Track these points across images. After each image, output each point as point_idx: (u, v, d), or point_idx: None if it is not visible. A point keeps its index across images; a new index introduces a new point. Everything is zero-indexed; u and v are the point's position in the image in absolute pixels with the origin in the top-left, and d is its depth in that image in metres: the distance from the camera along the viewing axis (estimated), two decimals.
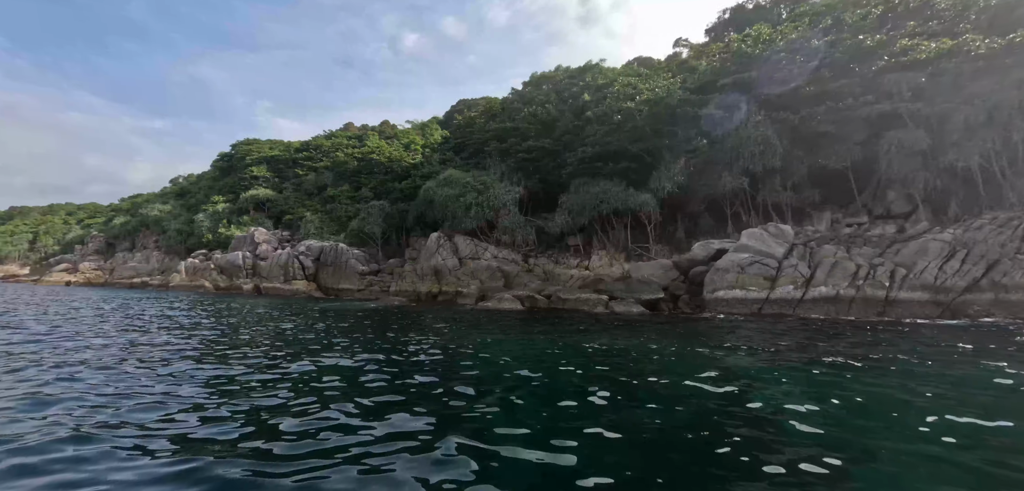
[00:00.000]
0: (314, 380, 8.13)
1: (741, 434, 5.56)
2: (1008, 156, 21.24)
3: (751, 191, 26.82)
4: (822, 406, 6.66)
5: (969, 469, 4.50)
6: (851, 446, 5.10)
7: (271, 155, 63.29)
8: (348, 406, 6.55)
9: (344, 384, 7.92)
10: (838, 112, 25.25)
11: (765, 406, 6.87)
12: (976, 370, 8.92)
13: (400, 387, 7.82)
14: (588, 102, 36.48)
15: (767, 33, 33.89)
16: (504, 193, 33.83)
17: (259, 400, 6.80)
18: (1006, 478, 4.32)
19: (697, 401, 7.05)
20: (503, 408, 6.71)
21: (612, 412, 6.55)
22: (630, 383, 8.40)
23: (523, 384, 8.58)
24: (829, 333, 14.32)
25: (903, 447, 5.06)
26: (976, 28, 26.56)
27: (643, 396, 7.51)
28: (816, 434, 5.49)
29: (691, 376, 8.99)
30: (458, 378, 8.66)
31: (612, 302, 24.30)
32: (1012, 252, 18.66)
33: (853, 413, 6.42)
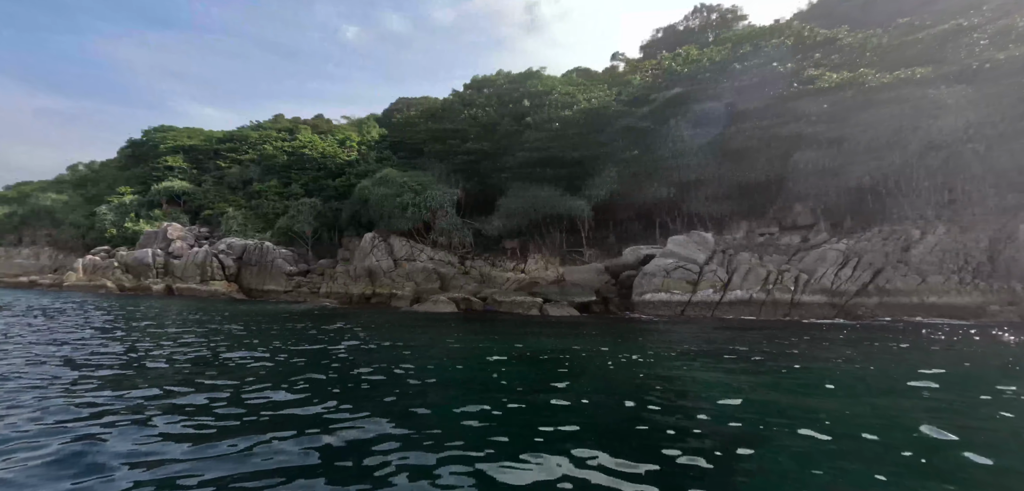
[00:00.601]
0: (216, 390, 7.48)
1: (660, 423, 5.78)
2: (893, 177, 23.94)
3: (677, 200, 28.34)
4: (736, 397, 7.06)
5: (857, 446, 4.91)
6: (759, 432, 5.45)
7: (189, 144, 58.46)
8: (256, 422, 6.07)
9: (257, 387, 7.35)
10: (755, 131, 27.31)
11: (684, 397, 7.19)
12: (865, 363, 9.87)
13: (320, 390, 7.37)
14: (528, 108, 36.94)
15: (695, 54, 36.08)
16: (442, 194, 33.40)
17: (159, 420, 6.13)
18: (882, 454, 4.75)
19: (621, 394, 7.25)
20: (433, 410, 6.51)
21: (544, 409, 6.56)
22: (562, 379, 8.49)
23: (451, 382, 8.40)
24: (742, 332, 15.33)
25: (802, 430, 5.45)
26: (871, 64, 29.78)
27: (575, 391, 7.61)
28: (732, 423, 5.80)
29: (617, 373, 9.25)
30: (389, 379, 8.32)
31: (546, 305, 24.65)
32: (894, 260, 21.04)
33: (761, 403, 6.86)
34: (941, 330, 15.63)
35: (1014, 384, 7.71)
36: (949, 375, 8.56)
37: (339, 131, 51.43)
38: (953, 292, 19.77)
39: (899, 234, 22.23)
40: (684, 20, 52.18)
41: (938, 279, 20.19)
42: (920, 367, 9.10)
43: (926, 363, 9.56)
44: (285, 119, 64.88)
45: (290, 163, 47.35)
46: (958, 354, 11.06)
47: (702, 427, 5.62)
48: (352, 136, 49.41)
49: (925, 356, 10.71)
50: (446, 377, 8.73)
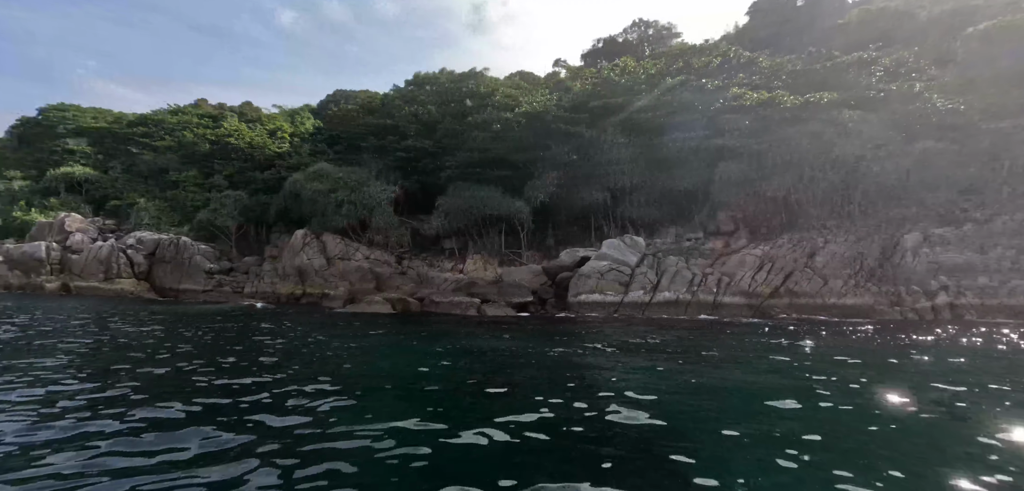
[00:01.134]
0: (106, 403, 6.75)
1: (589, 416, 5.92)
2: (802, 190, 26.23)
3: (612, 205, 29.36)
4: (661, 392, 7.37)
5: (769, 429, 5.25)
6: (683, 422, 5.71)
7: (95, 126, 52.78)
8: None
9: (163, 393, 6.68)
10: (685, 142, 28.89)
11: (613, 391, 7.39)
12: (771, 357, 10.67)
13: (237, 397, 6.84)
14: (470, 108, 36.82)
15: (632, 66, 37.65)
16: (380, 192, 32.43)
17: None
18: (793, 435, 5.11)
19: (553, 388, 7.35)
20: (368, 406, 6.22)
21: (476, 404, 6.48)
22: (497, 376, 8.45)
23: (377, 381, 8.12)
24: (670, 331, 16.10)
25: (724, 419, 5.77)
26: (785, 86, 32.48)
27: (508, 387, 7.60)
28: (658, 416, 6.02)
29: (550, 370, 9.38)
30: (312, 382, 7.88)
31: (484, 305, 24.61)
32: (802, 265, 23.01)
33: (685, 395, 7.21)
34: (836, 327, 17.26)
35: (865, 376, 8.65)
36: (834, 371, 9.43)
37: (270, 121, 48.43)
38: (850, 294, 21.94)
39: (806, 241, 24.37)
40: (623, 33, 54.37)
41: (838, 282, 22.33)
42: (802, 361, 9.97)
43: (806, 359, 10.50)
44: (209, 105, 60.27)
45: (213, 152, 43.95)
46: (845, 350, 12.23)
47: (626, 418, 5.81)
48: (284, 127, 46.71)
49: (814, 352, 11.76)
50: (372, 376, 8.44)
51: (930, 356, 11.03)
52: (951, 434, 5.64)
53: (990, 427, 5.57)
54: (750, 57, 36.57)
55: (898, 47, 36.29)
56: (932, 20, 44.42)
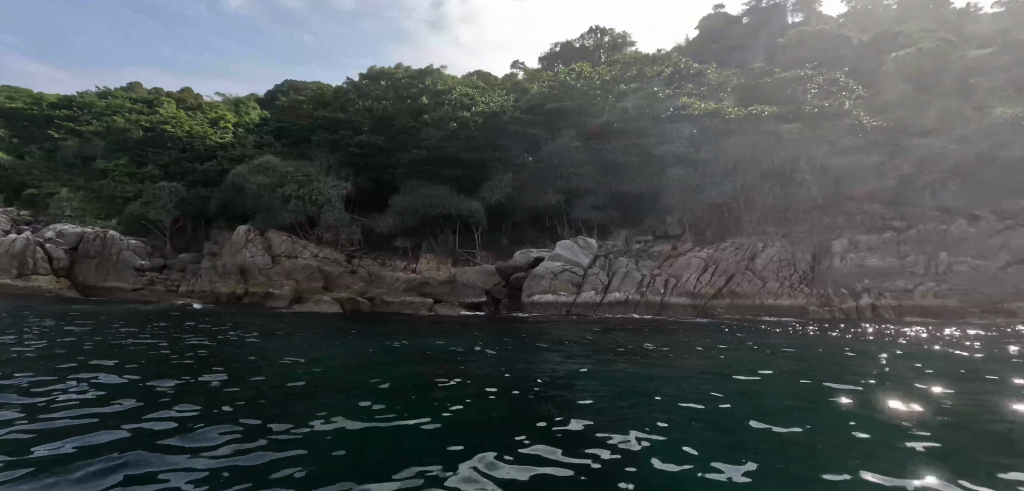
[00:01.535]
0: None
1: (539, 411, 5.91)
2: (744, 196, 27.61)
3: (566, 207, 29.76)
4: (611, 387, 7.48)
5: (715, 418, 5.40)
6: (629, 415, 5.80)
7: (9, 106, 47.99)
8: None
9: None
10: (636, 148, 29.70)
11: (566, 388, 7.43)
12: (721, 354, 11.10)
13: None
14: (426, 105, 36.27)
15: (588, 71, 38.31)
16: (330, 187, 31.33)
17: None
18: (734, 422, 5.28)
19: (504, 385, 7.30)
20: (313, 408, 5.89)
21: (425, 401, 6.31)
22: (446, 377, 8.29)
23: (324, 381, 7.77)
24: (619, 331, 16.45)
25: (669, 413, 5.89)
26: (730, 98, 34.11)
27: (460, 385, 7.47)
28: (607, 409, 6.10)
29: (501, 370, 9.33)
30: (246, 385, 7.42)
31: (437, 305, 24.30)
32: (743, 268, 24.18)
33: (631, 389, 7.33)
34: (775, 326, 18.24)
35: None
36: (765, 366, 9.94)
37: (212, 109, 45.68)
38: (785, 295, 23.28)
39: (747, 245, 25.65)
40: (580, 38, 55.32)
41: (775, 284, 23.65)
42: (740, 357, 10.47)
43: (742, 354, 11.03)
44: (144, 89, 56.28)
45: (147, 140, 40.95)
46: (777, 346, 12.94)
47: (574, 414, 5.85)
48: (228, 116, 44.22)
49: (749, 348, 12.37)
50: (314, 378, 8.07)
51: (848, 350, 11.84)
52: (856, 418, 6.05)
53: (890, 414, 6.03)
54: (698, 69, 38.13)
55: (832, 67, 38.95)
56: (862, 44, 48.02)
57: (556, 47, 53.11)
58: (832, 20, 57.10)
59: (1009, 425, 5.96)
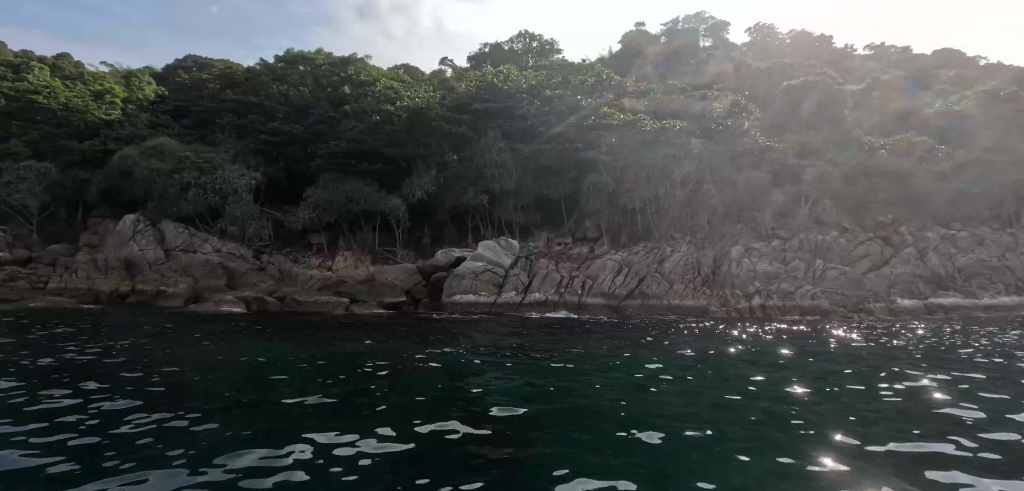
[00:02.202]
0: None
1: (456, 410, 5.90)
2: (655, 203, 29.45)
3: (489, 208, 29.92)
4: (527, 384, 7.56)
5: (624, 414, 5.60)
6: (544, 411, 5.95)
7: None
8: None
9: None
10: (558, 153, 30.59)
11: (481, 386, 7.39)
12: (628, 352, 11.67)
13: None
14: (348, 95, 34.76)
15: (515, 74, 38.78)
16: (237, 177, 28.95)
17: None
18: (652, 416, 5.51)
19: (422, 383, 7.13)
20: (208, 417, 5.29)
21: (333, 410, 5.95)
22: (360, 379, 7.93)
23: (218, 389, 7.10)
24: (539, 330, 16.80)
25: (581, 406, 6.04)
26: (646, 111, 36.19)
27: (375, 385, 7.17)
28: (523, 406, 6.14)
29: (420, 366, 9.13)
30: (119, 396, 6.58)
31: (354, 305, 23.35)
32: (653, 270, 25.78)
33: (545, 386, 7.45)
34: (679, 323, 19.62)
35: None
36: (670, 363, 10.67)
37: (96, 80, 40.22)
38: (689, 296, 25.13)
39: (657, 250, 27.39)
40: (509, 41, 55.89)
41: (681, 286, 25.45)
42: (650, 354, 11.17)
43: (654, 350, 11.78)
44: (9, 51, 48.34)
45: (11, 110, 35.23)
46: (682, 343, 13.94)
47: (489, 411, 5.86)
48: (116, 89, 39.18)
49: (657, 345, 13.22)
50: (207, 386, 7.38)
51: (738, 345, 13.06)
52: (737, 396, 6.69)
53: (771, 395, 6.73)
54: (619, 81, 40.09)
55: (735, 90, 42.73)
56: (762, 71, 53.20)
57: (485, 48, 53.26)
58: (736, 47, 62.74)
59: (858, 399, 6.89)
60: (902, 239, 30.81)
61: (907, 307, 25.96)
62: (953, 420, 5.88)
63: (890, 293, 26.96)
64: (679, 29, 65.78)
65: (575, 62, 48.17)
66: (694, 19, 66.47)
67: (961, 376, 8.60)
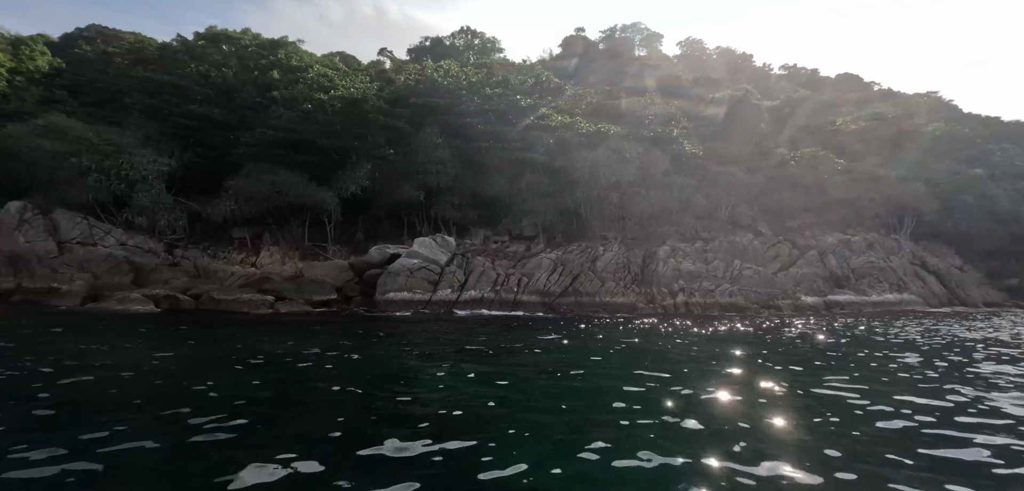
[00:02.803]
0: None
1: (389, 411, 5.71)
2: (590, 204, 30.42)
3: (426, 204, 29.51)
4: (464, 382, 7.50)
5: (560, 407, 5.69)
6: (486, 408, 5.91)
7: None
8: None
9: None
10: (497, 151, 30.75)
11: (410, 385, 7.24)
12: (569, 349, 11.95)
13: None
14: (278, 80, 32.78)
15: (456, 70, 38.50)
16: (148, 163, 26.49)
17: None
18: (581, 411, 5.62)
19: (348, 382, 6.86)
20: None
21: (257, 415, 5.56)
22: (278, 382, 7.50)
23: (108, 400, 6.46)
24: (473, 327, 16.80)
25: (518, 402, 6.04)
26: (584, 115, 37.28)
27: (297, 386, 6.77)
28: (464, 403, 6.07)
29: (347, 365, 8.82)
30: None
31: (279, 303, 22.16)
32: (587, 269, 26.61)
33: (478, 382, 7.45)
34: (608, 319, 20.41)
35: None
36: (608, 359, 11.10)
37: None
38: (620, 293, 26.21)
39: (591, 249, 28.31)
40: (451, 37, 55.42)
41: (612, 284, 26.48)
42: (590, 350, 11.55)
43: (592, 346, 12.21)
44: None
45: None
46: (614, 339, 14.53)
47: (424, 410, 5.77)
48: (1, 58, 34.50)
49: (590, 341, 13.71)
50: (96, 398, 6.69)
51: (661, 341, 13.84)
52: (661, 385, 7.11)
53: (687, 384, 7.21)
54: (559, 84, 40.98)
55: (666, 99, 45.06)
56: (693, 82, 56.48)
57: (426, 41, 52.38)
58: (668, 59, 66.16)
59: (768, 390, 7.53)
60: (807, 243, 33.99)
61: (809, 303, 28.68)
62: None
63: (796, 291, 29.64)
64: (617, 37, 68.32)
65: (516, 62, 48.65)
66: (631, 29, 69.32)
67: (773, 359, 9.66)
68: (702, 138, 39.20)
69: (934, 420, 5.84)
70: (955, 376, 8.72)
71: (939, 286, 35.20)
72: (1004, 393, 7.39)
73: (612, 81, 51.89)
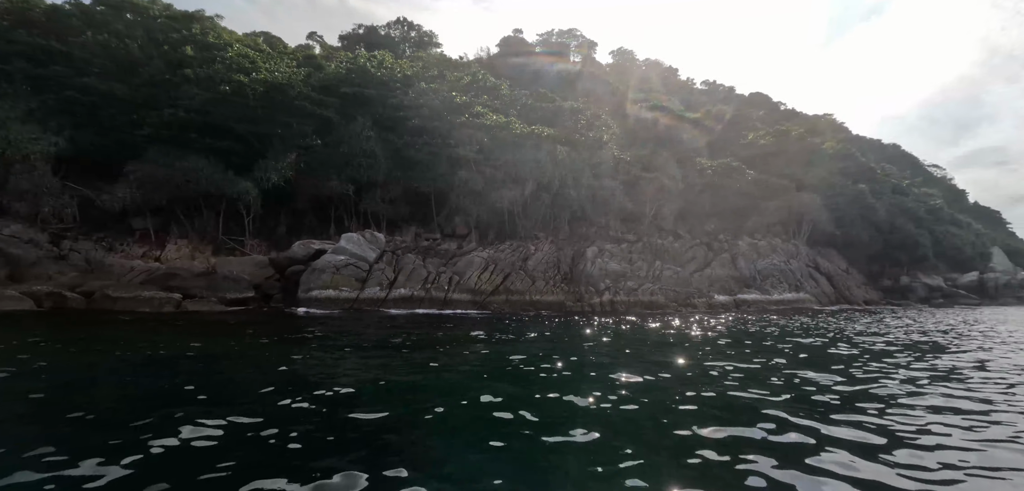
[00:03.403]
0: None
1: (313, 417, 5.55)
2: (521, 203, 30.94)
3: (355, 198, 28.56)
4: (392, 382, 7.33)
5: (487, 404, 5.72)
6: (399, 409, 5.84)
7: None
8: None
9: None
10: (430, 147, 30.38)
11: (328, 386, 6.99)
12: (493, 346, 12.06)
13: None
14: (191, 57, 30.15)
15: (390, 61, 37.54)
16: (28, 140, 23.40)
17: None
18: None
19: (259, 383, 6.49)
20: None
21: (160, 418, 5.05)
22: (178, 382, 6.91)
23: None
24: (402, 326, 16.51)
25: (449, 400, 6.02)
26: (519, 115, 37.79)
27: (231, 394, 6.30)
28: (388, 406, 5.93)
29: (258, 367, 8.36)
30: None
31: (188, 301, 20.49)
32: (518, 268, 27.06)
33: (401, 382, 7.30)
34: (538, 318, 20.92)
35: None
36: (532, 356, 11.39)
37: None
38: (550, 292, 26.91)
39: (522, 248, 28.83)
40: (386, 27, 53.87)
41: (542, 283, 27.12)
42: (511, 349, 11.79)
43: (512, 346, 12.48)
44: None
45: None
46: (544, 339, 14.93)
47: (337, 413, 5.61)
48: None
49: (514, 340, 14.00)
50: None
51: (588, 339, 14.45)
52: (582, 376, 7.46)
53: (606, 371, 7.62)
54: (495, 83, 41.21)
55: (598, 106, 46.82)
56: (619, 92, 59.03)
57: (359, 29, 50.47)
58: (602, 67, 68.75)
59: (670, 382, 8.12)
60: (720, 245, 36.80)
61: (722, 302, 31.11)
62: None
63: (710, 290, 32.02)
64: (553, 42, 69.85)
65: (453, 59, 48.27)
66: (567, 35, 71.17)
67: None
68: (629, 144, 41.20)
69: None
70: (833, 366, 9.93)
71: (829, 286, 39.57)
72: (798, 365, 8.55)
73: (547, 84, 53.01)
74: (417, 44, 52.88)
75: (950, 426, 5.67)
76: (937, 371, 9.38)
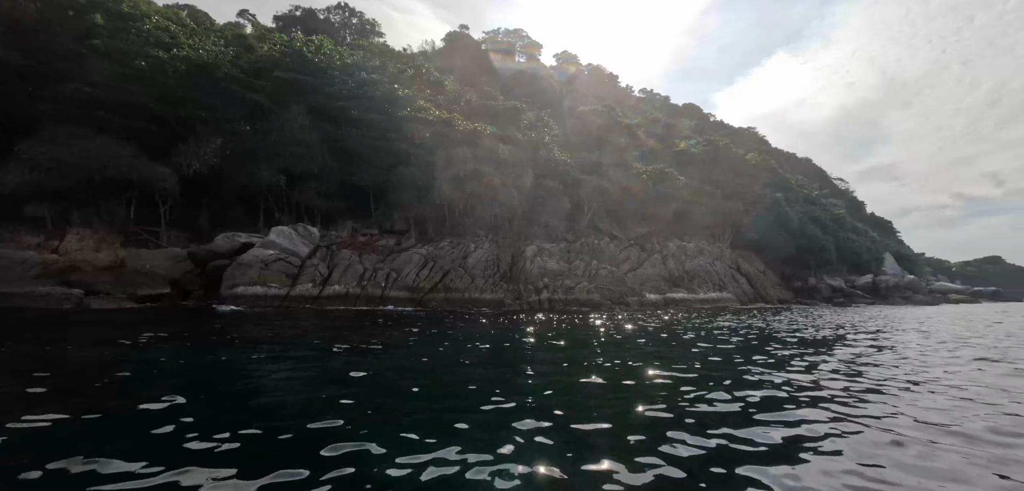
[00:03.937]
0: None
1: (251, 422, 5.16)
2: (462, 201, 30.91)
3: (287, 190, 27.28)
4: (333, 385, 7.07)
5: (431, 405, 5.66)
6: (358, 409, 5.63)
7: None
8: None
9: None
10: (370, 140, 29.60)
11: (248, 392, 6.66)
12: (439, 343, 11.95)
13: None
14: (100, 27, 27.41)
15: (330, 47, 36.09)
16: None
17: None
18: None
19: (164, 389, 6.04)
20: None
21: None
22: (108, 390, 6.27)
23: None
24: (335, 324, 15.99)
25: (390, 401, 5.91)
26: (462, 113, 37.68)
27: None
28: (334, 408, 5.70)
29: (161, 373, 7.78)
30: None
31: (91, 297, 18.71)
32: (457, 265, 27.04)
33: (356, 385, 7.09)
34: (477, 316, 21.03)
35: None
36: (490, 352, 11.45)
37: None
38: (489, 290, 27.12)
39: (463, 246, 28.83)
40: (326, 11, 51.65)
41: (482, 281, 27.27)
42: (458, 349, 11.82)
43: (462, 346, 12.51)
44: None
45: None
46: (488, 337, 15.04)
47: (254, 422, 5.36)
48: None
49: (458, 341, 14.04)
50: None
51: (524, 335, 14.74)
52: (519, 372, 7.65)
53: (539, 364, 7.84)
54: (439, 78, 40.81)
55: (540, 107, 47.66)
56: (562, 93, 60.37)
57: (296, 11, 47.96)
58: (545, 68, 69.95)
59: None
60: (652, 247, 38.72)
61: (652, 300, 32.77)
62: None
63: (642, 289, 33.63)
64: (499, 40, 70.12)
65: (396, 50, 47.19)
66: (512, 35, 71.70)
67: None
68: (568, 146, 42.29)
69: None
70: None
71: (749, 287, 42.78)
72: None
73: (492, 82, 53.17)
74: (359, 32, 51.13)
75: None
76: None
